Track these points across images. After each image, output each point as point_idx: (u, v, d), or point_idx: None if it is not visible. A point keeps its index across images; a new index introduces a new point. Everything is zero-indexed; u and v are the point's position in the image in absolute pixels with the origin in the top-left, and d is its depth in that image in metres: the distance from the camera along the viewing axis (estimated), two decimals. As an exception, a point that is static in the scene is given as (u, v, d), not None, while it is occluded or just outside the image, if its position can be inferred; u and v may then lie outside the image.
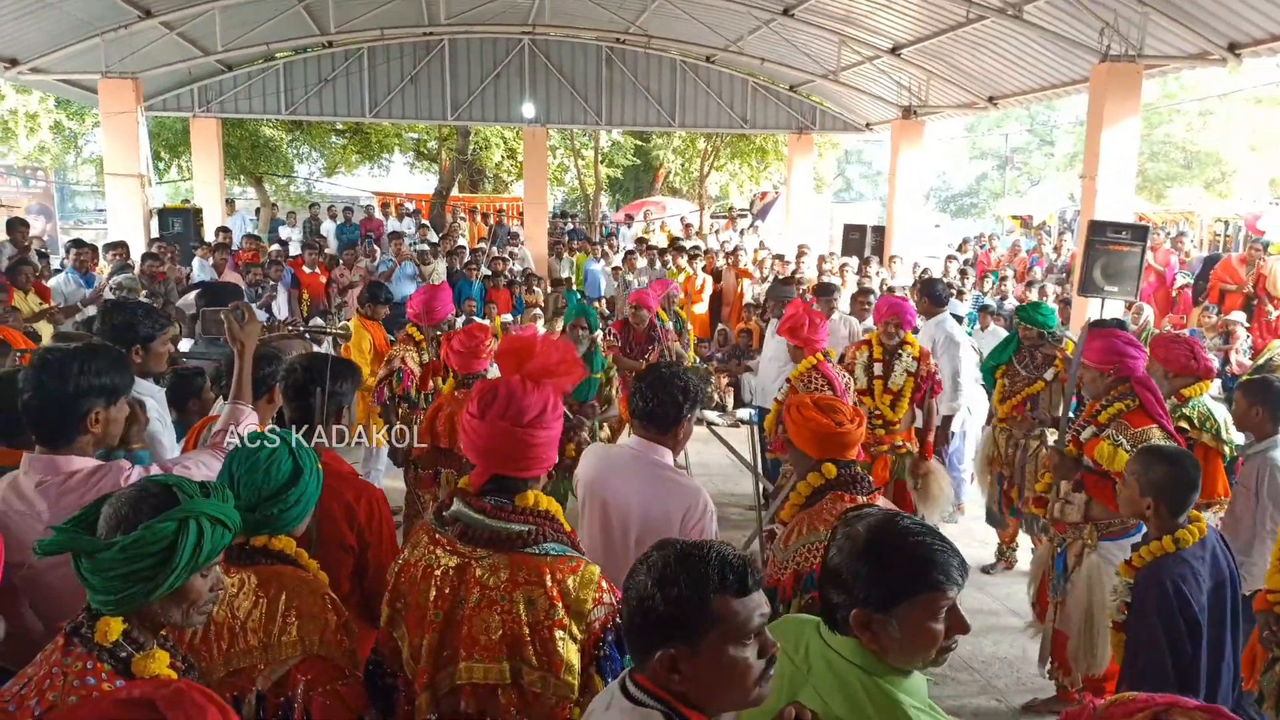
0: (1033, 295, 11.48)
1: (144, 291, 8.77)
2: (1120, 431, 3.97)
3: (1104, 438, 3.98)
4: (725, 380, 10.25)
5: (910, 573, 1.73)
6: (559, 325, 11.98)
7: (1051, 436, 5.89)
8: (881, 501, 2.92)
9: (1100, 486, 4.01)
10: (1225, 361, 9.80)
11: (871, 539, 1.78)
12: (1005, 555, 6.41)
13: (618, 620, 2.14)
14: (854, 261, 13.83)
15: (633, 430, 3.02)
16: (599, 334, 7.65)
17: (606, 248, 16.16)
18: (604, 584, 2.20)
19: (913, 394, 5.80)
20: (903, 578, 1.73)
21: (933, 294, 7.05)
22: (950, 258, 14.76)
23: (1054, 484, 4.26)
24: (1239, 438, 4.63)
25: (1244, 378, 4.69)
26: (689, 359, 8.29)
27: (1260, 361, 9.23)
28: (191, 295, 6.00)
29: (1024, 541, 6.27)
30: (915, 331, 6.03)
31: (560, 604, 2.12)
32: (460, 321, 10.53)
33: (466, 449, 2.30)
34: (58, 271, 9.78)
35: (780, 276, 12.99)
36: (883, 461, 5.79)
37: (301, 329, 8.64)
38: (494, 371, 6.50)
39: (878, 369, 5.82)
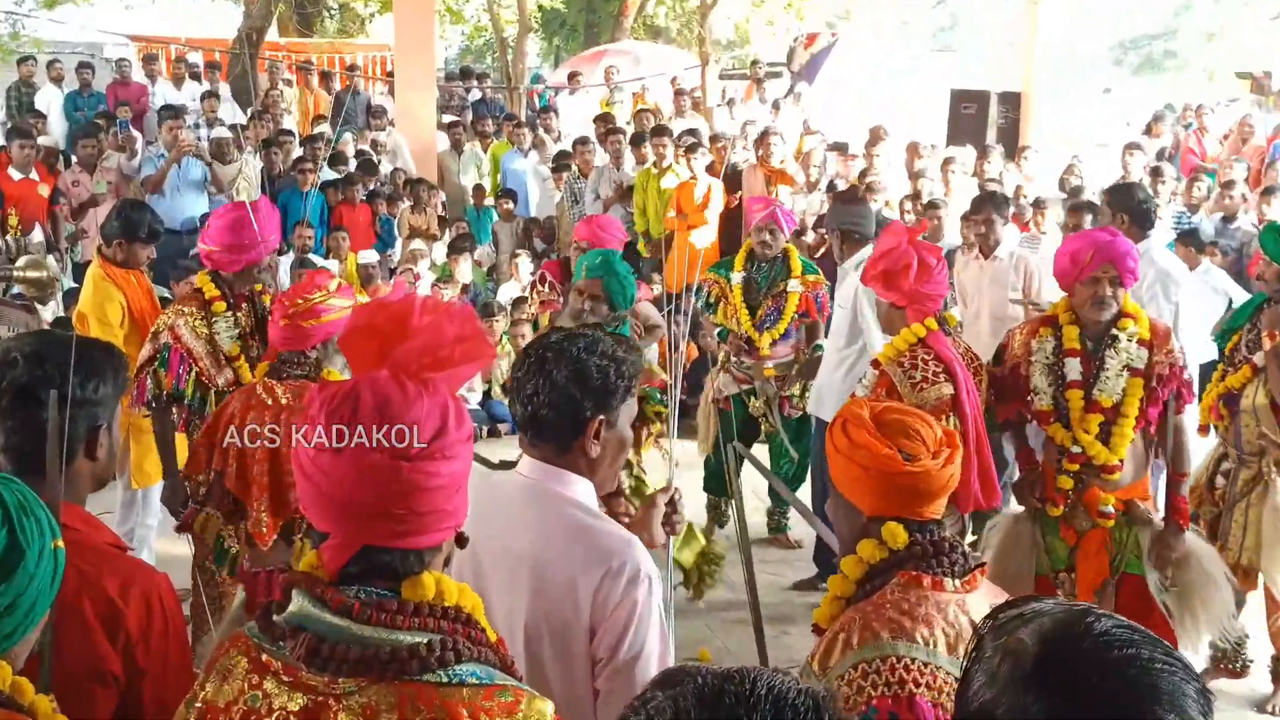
0: (1275, 211, 11.56)
1: None
2: None
3: None
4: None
5: (1116, 710, 1.73)
6: (462, 266, 12.08)
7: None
8: (985, 589, 2.93)
9: None
10: None
11: (1047, 656, 1.79)
12: (1234, 657, 6.49)
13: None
14: (967, 155, 13.87)
15: (521, 448, 3.09)
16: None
17: (541, 131, 16.12)
18: (560, 731, 2.22)
19: (1142, 411, 5.32)
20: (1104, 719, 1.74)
21: (1133, 208, 7.06)
22: (1132, 147, 14.76)
23: None
24: None
25: None
26: (764, 344, 7.88)
27: None
28: None
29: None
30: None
31: (486, 771, 2.14)
32: (287, 264, 10.49)
33: (310, 504, 2.27)
34: None
35: (837, 183, 12.99)
36: (1097, 540, 5.42)
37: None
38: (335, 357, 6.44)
39: (1072, 368, 5.43)
